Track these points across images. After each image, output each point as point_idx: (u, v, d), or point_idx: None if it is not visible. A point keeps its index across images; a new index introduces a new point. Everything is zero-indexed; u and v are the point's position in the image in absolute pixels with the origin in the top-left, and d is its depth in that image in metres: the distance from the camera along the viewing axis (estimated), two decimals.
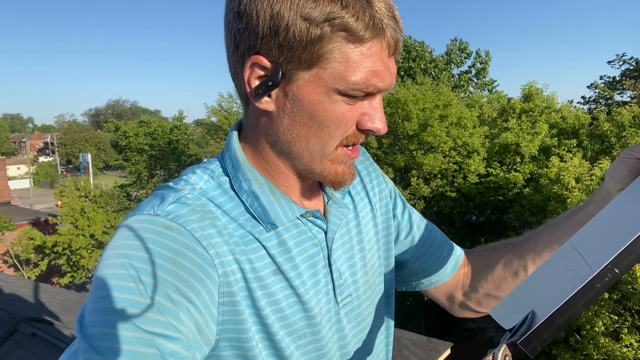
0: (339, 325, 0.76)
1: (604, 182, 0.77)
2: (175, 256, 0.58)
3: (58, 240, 13.84)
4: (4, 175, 19.27)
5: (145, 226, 0.59)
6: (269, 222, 0.68)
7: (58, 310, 4.62)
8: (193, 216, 0.62)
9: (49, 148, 71.85)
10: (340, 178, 0.70)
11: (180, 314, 0.56)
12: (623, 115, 11.26)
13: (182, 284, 0.57)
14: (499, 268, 0.90)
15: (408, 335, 5.96)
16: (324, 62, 0.61)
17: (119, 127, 23.29)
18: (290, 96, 0.63)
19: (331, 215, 0.78)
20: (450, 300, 0.98)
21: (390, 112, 12.36)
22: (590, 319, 6.86)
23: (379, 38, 0.61)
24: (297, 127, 0.65)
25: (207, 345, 0.61)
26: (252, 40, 0.61)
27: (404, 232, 0.93)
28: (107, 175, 52.19)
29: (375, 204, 0.89)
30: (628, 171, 0.70)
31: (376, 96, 0.66)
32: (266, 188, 0.69)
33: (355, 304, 0.79)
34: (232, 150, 0.72)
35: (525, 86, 13.72)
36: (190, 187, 0.67)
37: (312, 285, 0.72)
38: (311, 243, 0.73)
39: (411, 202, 12.28)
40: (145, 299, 0.55)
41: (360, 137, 0.68)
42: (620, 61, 19.00)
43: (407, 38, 21.27)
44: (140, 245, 0.57)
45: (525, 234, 0.90)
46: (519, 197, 11.15)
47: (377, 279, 0.86)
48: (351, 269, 0.79)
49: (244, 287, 0.64)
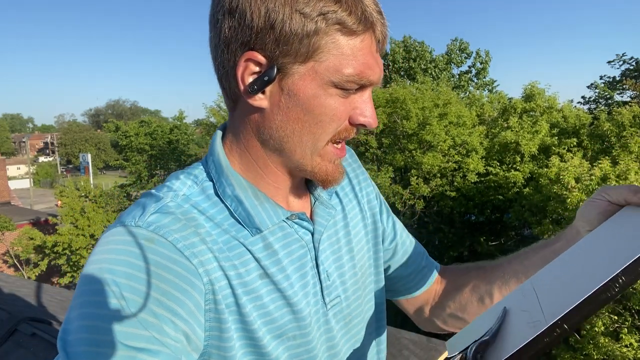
0: (327, 326, 0.76)
1: (574, 220, 0.75)
2: (157, 269, 0.58)
3: (58, 240, 13.85)
4: (4, 175, 19.27)
5: (126, 239, 0.59)
6: (253, 226, 0.68)
7: (58, 310, 4.62)
8: (175, 225, 0.62)
9: (49, 148, 71.87)
10: (330, 177, 0.70)
11: (164, 327, 0.56)
12: (623, 115, 11.26)
13: (165, 297, 0.57)
14: (466, 291, 0.90)
15: (408, 335, 5.96)
16: (319, 56, 0.61)
17: (119, 127, 23.30)
18: (286, 91, 0.63)
19: (318, 216, 0.78)
20: (418, 313, 0.99)
21: (389, 111, 12.37)
22: (590, 319, 6.87)
23: (370, 32, 0.63)
24: (291, 123, 0.65)
25: (196, 352, 0.61)
26: (246, 36, 0.61)
27: (388, 238, 0.93)
28: (107, 175, 52.20)
29: (364, 205, 0.89)
30: (598, 213, 0.69)
31: (367, 90, 0.67)
32: (250, 192, 0.69)
33: (344, 304, 0.79)
34: (216, 154, 0.71)
35: (527, 86, 13.72)
36: (173, 193, 0.67)
37: (301, 287, 0.72)
38: (298, 245, 0.73)
39: (411, 201, 12.29)
40: (128, 315, 0.55)
41: (352, 132, 0.69)
42: (620, 61, 19.00)
43: (407, 38, 21.29)
44: (121, 260, 0.57)
45: (499, 259, 0.90)
46: (519, 196, 11.15)
47: (367, 280, 0.86)
48: (339, 269, 0.79)
49: (230, 294, 0.64)
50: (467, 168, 12.12)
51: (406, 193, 12.12)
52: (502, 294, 0.85)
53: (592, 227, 0.69)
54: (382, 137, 12.93)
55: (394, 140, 12.87)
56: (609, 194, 0.69)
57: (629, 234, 0.59)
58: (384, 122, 12.38)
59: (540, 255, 0.81)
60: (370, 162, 13.05)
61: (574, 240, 0.71)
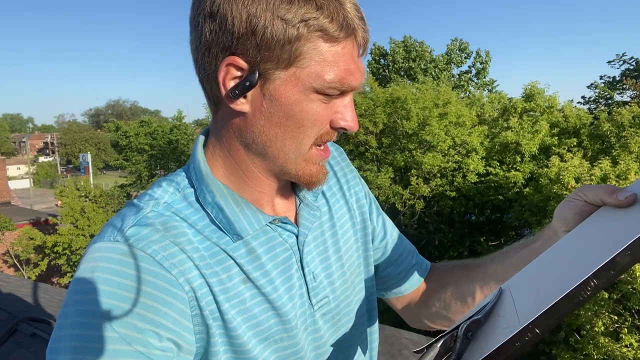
0: (315, 327, 0.77)
1: (552, 221, 0.74)
2: (137, 284, 0.59)
3: (58, 240, 13.86)
4: (4, 175, 19.26)
5: (106, 256, 0.60)
6: (234, 233, 0.69)
7: (58, 310, 4.61)
8: (153, 236, 0.62)
9: (49, 148, 71.86)
10: (315, 178, 0.71)
11: (149, 340, 0.58)
12: (623, 115, 11.26)
13: (146, 311, 0.58)
14: (450, 289, 0.91)
15: (408, 335, 5.97)
16: (301, 62, 0.62)
17: (119, 127, 23.33)
18: (267, 96, 0.63)
19: (302, 218, 0.78)
20: (406, 311, 0.99)
21: (389, 111, 12.37)
22: (590, 319, 6.87)
23: (351, 38, 0.63)
24: (273, 128, 0.65)
25: (190, 354, 0.63)
26: (227, 41, 0.61)
27: (378, 237, 0.93)
28: (107, 175, 52.20)
29: (352, 204, 0.89)
30: (574, 213, 0.68)
31: (348, 95, 0.68)
32: (230, 199, 0.69)
33: (332, 305, 0.79)
34: (196, 161, 0.71)
35: (527, 86, 13.71)
36: (154, 202, 0.67)
37: (286, 290, 0.72)
38: (282, 248, 0.73)
39: (411, 201, 12.28)
40: (112, 333, 0.56)
41: (333, 135, 0.69)
42: (620, 61, 19.00)
43: (407, 38, 21.29)
44: (102, 279, 0.58)
45: (483, 257, 0.90)
46: (519, 196, 11.15)
47: (356, 279, 0.86)
48: (326, 270, 0.79)
49: (212, 301, 0.65)
50: (467, 168, 12.11)
51: (406, 193, 12.12)
52: (484, 293, 0.85)
53: (568, 228, 0.69)
54: (382, 137, 12.92)
55: (394, 140, 12.86)
56: (585, 194, 0.67)
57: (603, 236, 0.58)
58: (384, 122, 12.38)
59: (520, 254, 0.80)
60: (371, 162, 13.05)
61: (552, 240, 0.71)
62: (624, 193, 0.61)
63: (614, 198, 0.62)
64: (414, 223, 12.76)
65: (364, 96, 13.03)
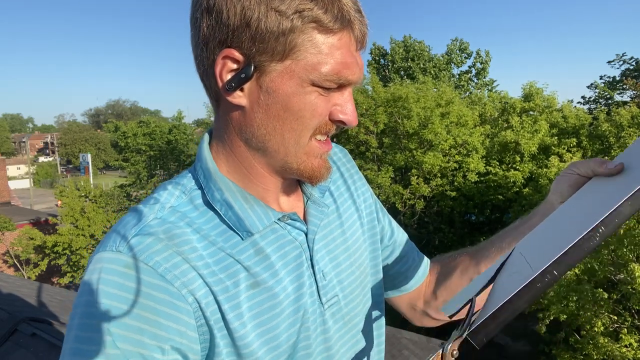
0: (324, 326, 0.76)
1: (547, 196, 0.81)
2: (139, 298, 0.59)
3: (58, 240, 13.85)
4: (4, 175, 19.25)
5: (108, 267, 0.60)
6: (244, 229, 0.68)
7: (58, 310, 4.62)
8: (156, 246, 0.62)
9: (49, 148, 71.84)
10: (317, 172, 0.70)
11: (154, 355, 0.58)
12: (622, 115, 11.27)
13: (149, 325, 0.58)
14: (456, 276, 0.92)
15: (408, 335, 5.97)
16: (297, 54, 0.62)
17: (119, 127, 23.26)
18: (264, 89, 0.64)
19: (311, 215, 0.77)
20: (412, 308, 0.99)
21: (390, 110, 12.37)
22: (590, 319, 6.86)
23: (347, 30, 0.63)
24: (271, 120, 0.65)
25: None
26: (223, 34, 0.62)
27: (386, 236, 0.94)
28: (107, 175, 52.17)
29: (360, 204, 0.89)
30: (568, 185, 0.76)
31: (347, 88, 0.67)
32: (239, 196, 0.69)
33: (342, 304, 0.79)
34: (203, 160, 0.71)
35: (526, 85, 13.73)
36: (159, 205, 0.66)
37: (295, 289, 0.71)
38: (292, 246, 0.73)
39: (411, 201, 12.28)
40: (114, 349, 0.56)
41: (332, 128, 0.69)
42: (620, 61, 19.01)
43: (407, 38, 21.28)
44: (104, 292, 0.58)
45: (480, 243, 0.92)
46: (519, 196, 11.15)
47: (365, 279, 0.85)
48: (336, 269, 0.79)
49: (216, 310, 0.64)
50: (468, 168, 12.11)
51: (406, 193, 12.11)
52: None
53: (564, 199, 0.75)
54: (382, 136, 12.92)
55: (395, 140, 12.86)
56: (578, 167, 0.75)
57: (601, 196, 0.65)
58: (385, 122, 12.37)
59: (519, 231, 0.84)
60: (371, 162, 13.04)
61: (549, 213, 0.73)
62: (612, 163, 0.68)
63: (604, 167, 0.69)
64: (414, 223, 12.75)
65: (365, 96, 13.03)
